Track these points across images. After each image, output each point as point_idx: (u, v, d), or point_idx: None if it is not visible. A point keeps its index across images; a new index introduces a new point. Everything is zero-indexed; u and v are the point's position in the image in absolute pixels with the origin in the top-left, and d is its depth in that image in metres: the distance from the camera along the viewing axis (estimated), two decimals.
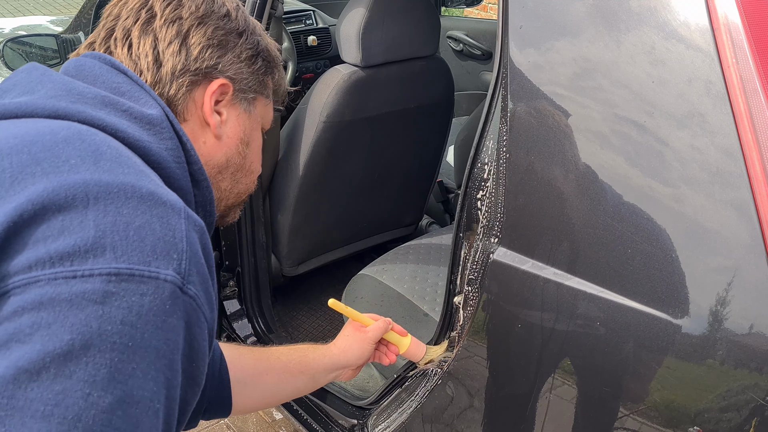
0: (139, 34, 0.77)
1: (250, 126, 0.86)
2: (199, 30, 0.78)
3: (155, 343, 0.52)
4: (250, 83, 0.84)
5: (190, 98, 0.77)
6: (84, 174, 0.54)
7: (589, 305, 0.87)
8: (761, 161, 0.73)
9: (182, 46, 0.77)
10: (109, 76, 0.71)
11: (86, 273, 0.50)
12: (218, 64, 0.79)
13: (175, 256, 0.55)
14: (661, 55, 0.81)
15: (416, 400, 1.21)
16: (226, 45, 0.80)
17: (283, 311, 2.07)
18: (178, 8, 0.78)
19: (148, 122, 0.67)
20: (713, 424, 0.78)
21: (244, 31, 0.83)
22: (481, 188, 1.01)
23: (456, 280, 1.08)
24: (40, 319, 0.48)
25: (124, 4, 0.79)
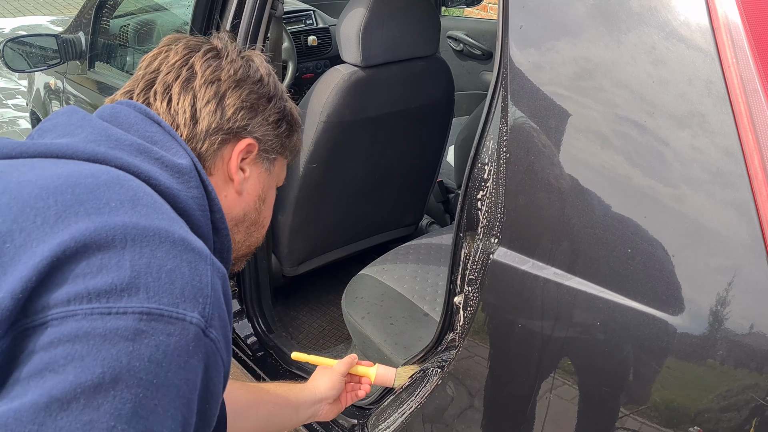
0: (179, 90, 0.82)
1: (269, 184, 0.92)
2: (235, 92, 0.84)
3: (177, 382, 0.55)
4: (274, 144, 0.89)
5: (219, 154, 0.82)
6: (123, 217, 0.58)
7: (589, 305, 0.87)
8: (761, 161, 0.73)
9: (218, 107, 0.82)
10: (143, 125, 0.75)
11: (120, 310, 0.53)
12: (248, 125, 0.84)
13: (201, 300, 0.58)
14: (661, 55, 0.81)
15: (416, 400, 1.21)
16: (257, 108, 0.86)
17: (283, 311, 2.07)
18: (218, 70, 0.83)
19: (177, 171, 0.71)
20: (713, 424, 0.78)
21: (274, 96, 0.89)
22: (481, 188, 1.01)
23: (456, 280, 1.08)
24: (74, 351, 0.50)
25: (165, 59, 0.84)
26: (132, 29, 2.45)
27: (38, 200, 0.57)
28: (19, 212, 0.56)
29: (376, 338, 1.54)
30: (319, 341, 1.97)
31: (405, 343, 1.49)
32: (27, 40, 2.43)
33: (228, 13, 1.57)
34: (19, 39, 2.41)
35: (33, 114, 3.30)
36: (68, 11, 7.59)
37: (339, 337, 1.97)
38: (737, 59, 0.75)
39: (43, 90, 3.01)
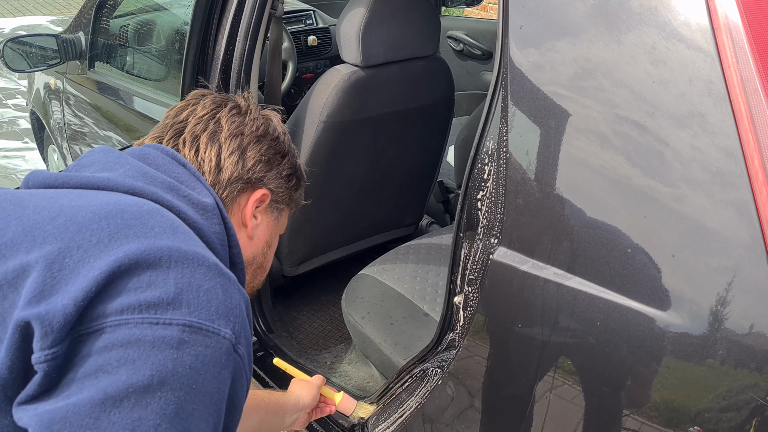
0: (207, 141, 0.91)
1: (275, 232, 1.01)
2: (255, 146, 0.93)
3: (211, 390, 0.62)
4: (284, 196, 0.99)
5: (237, 201, 0.91)
6: (167, 241, 0.65)
7: (589, 305, 0.87)
8: (761, 161, 0.73)
9: (240, 158, 0.91)
10: (170, 166, 0.83)
11: (167, 321, 0.60)
12: (264, 177, 0.94)
13: (232, 319, 0.65)
14: (661, 55, 0.81)
15: (416, 399, 1.21)
16: (273, 162, 0.95)
17: (283, 311, 2.07)
18: (241, 126, 0.93)
19: (202, 208, 0.79)
20: (713, 424, 0.78)
21: (288, 153, 0.99)
22: (482, 188, 1.01)
23: (456, 280, 1.08)
24: (126, 355, 0.57)
25: (193, 112, 0.94)
26: (132, 29, 2.45)
27: (92, 222, 0.65)
28: (76, 232, 0.63)
29: (376, 338, 1.54)
30: (319, 341, 1.97)
31: (405, 343, 1.49)
32: (27, 40, 2.43)
33: (228, 13, 1.57)
34: (19, 39, 2.41)
35: (33, 114, 3.29)
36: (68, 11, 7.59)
37: (339, 337, 1.97)
38: (737, 59, 0.75)
39: (43, 90, 3.01)
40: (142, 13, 2.55)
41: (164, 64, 2.26)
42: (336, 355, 1.81)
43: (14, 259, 0.62)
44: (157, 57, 2.32)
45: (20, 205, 0.68)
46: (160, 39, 2.35)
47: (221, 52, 1.59)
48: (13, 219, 0.66)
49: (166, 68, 2.23)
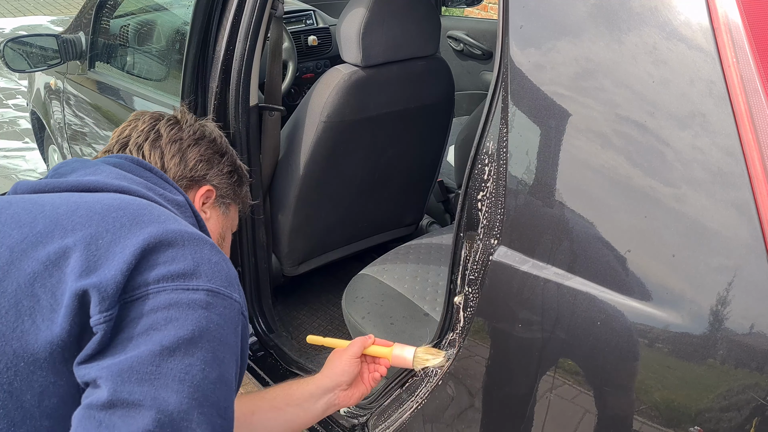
0: (149, 148, 1.04)
1: (226, 225, 1.13)
2: (194, 148, 1.06)
3: (232, 342, 0.75)
4: (228, 191, 1.11)
5: (187, 188, 1.05)
6: (175, 225, 0.77)
7: (589, 305, 0.87)
8: (762, 161, 0.73)
9: (182, 160, 1.04)
10: (139, 171, 0.94)
11: (194, 287, 0.72)
12: (207, 174, 1.07)
13: (236, 287, 0.78)
14: (662, 55, 0.81)
15: (417, 400, 1.21)
16: (213, 161, 1.08)
17: (283, 311, 2.07)
18: (179, 132, 1.07)
19: (177, 204, 0.91)
20: (714, 424, 0.78)
21: (226, 153, 1.12)
22: (482, 189, 1.01)
23: (456, 280, 1.08)
24: (170, 315, 0.69)
25: (134, 128, 1.07)
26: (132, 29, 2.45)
27: (110, 212, 0.76)
28: (100, 220, 0.74)
29: None
30: None
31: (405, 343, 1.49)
32: (27, 40, 2.43)
33: (228, 13, 1.57)
34: (19, 39, 2.41)
35: (33, 114, 3.29)
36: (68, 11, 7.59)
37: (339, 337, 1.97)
38: (737, 59, 0.75)
39: (43, 90, 3.01)
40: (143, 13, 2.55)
41: (164, 64, 2.26)
42: None
43: (52, 244, 0.72)
44: (158, 57, 2.32)
45: (37, 203, 0.79)
46: (160, 39, 2.35)
47: (221, 52, 1.59)
48: (38, 214, 0.76)
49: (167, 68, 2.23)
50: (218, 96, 1.61)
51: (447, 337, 1.14)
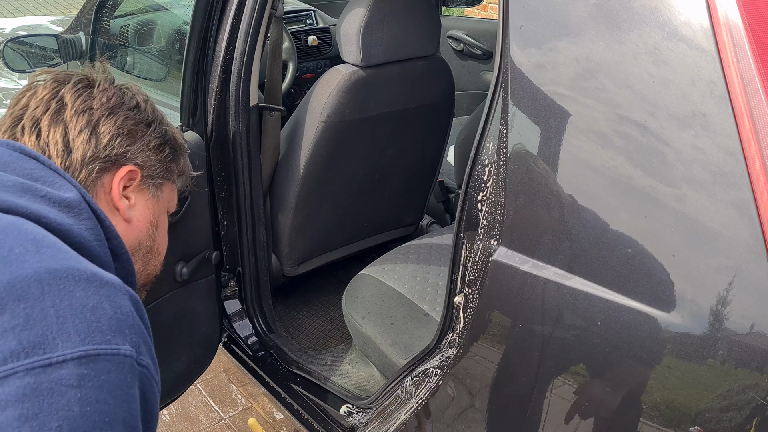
0: (48, 123, 0.80)
1: (158, 209, 0.92)
2: (109, 120, 0.83)
3: (123, 415, 0.56)
4: (158, 170, 0.89)
5: (99, 184, 0.82)
6: (32, 263, 0.57)
7: (589, 305, 0.87)
8: (762, 161, 0.73)
9: (92, 135, 0.81)
10: (20, 163, 0.71)
11: (59, 359, 0.52)
12: (127, 152, 0.84)
13: (127, 331, 0.59)
14: (663, 55, 0.81)
15: (417, 400, 1.21)
16: (135, 134, 0.86)
17: (283, 311, 2.07)
18: (89, 99, 0.83)
19: (66, 205, 0.69)
20: (714, 424, 0.78)
21: (153, 122, 0.89)
22: (482, 189, 1.01)
23: (457, 280, 1.08)
24: (26, 410, 0.50)
25: (33, 95, 0.83)
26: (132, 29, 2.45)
27: None
28: None
29: (377, 338, 1.54)
30: (319, 341, 1.97)
31: (405, 343, 1.49)
32: (27, 40, 2.43)
33: (228, 13, 1.57)
34: (19, 39, 2.41)
35: None
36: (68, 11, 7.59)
37: (339, 337, 1.97)
38: (737, 59, 0.75)
39: None
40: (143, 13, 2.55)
41: (164, 64, 2.26)
42: (336, 355, 1.81)
43: None
44: (158, 57, 2.32)
45: None
46: (160, 39, 2.35)
47: (221, 52, 1.59)
48: None
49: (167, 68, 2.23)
50: (218, 96, 1.61)
51: (447, 337, 1.14)
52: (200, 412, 2.22)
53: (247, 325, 1.87)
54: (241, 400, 2.28)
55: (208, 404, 2.25)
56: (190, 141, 1.56)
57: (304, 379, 1.70)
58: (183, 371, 1.71)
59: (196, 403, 2.26)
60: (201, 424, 2.17)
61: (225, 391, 2.32)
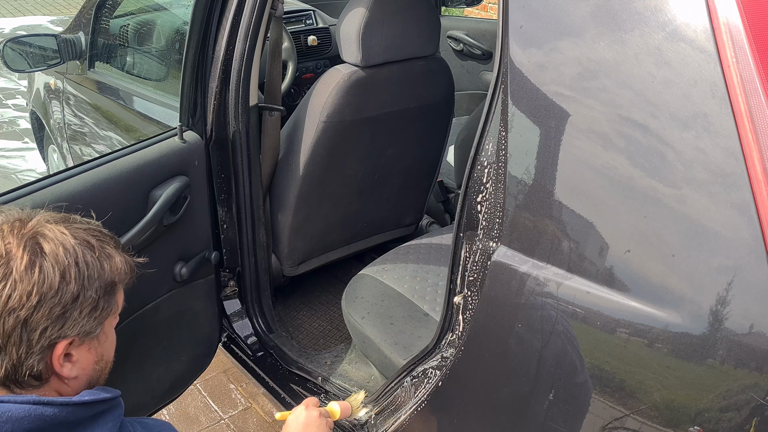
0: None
1: (104, 345, 0.90)
2: (36, 313, 0.78)
3: None
4: (95, 324, 0.85)
5: (45, 366, 0.81)
6: None
7: (589, 305, 0.87)
8: (762, 161, 0.73)
9: (22, 335, 0.78)
10: None
11: None
12: (60, 334, 0.81)
13: None
14: (663, 55, 0.81)
15: (416, 400, 1.21)
16: (65, 314, 0.81)
17: (283, 311, 2.07)
18: (11, 294, 0.77)
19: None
20: (713, 424, 0.78)
21: (81, 290, 0.82)
22: (481, 191, 1.01)
23: (456, 280, 1.08)
24: None
25: None
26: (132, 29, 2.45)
27: None
28: None
29: (376, 338, 1.54)
30: (319, 341, 1.97)
31: (405, 343, 1.49)
32: (27, 40, 2.43)
33: (228, 13, 1.57)
34: (19, 39, 2.41)
35: (33, 114, 3.29)
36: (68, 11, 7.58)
37: (339, 337, 1.97)
38: (737, 59, 0.75)
39: (43, 90, 3.01)
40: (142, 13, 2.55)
41: (164, 64, 2.26)
42: (336, 355, 1.81)
43: None
44: (157, 57, 2.32)
45: None
46: (160, 39, 2.35)
47: (221, 52, 1.59)
48: None
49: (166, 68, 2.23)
50: (218, 96, 1.61)
51: (446, 337, 1.14)
52: (200, 412, 2.22)
53: (247, 325, 1.87)
54: (241, 400, 2.28)
55: (207, 404, 2.25)
56: (190, 141, 1.56)
57: (304, 379, 1.70)
58: (182, 371, 1.71)
59: (196, 403, 2.26)
60: (201, 424, 2.17)
61: (225, 391, 2.32)
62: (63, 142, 2.82)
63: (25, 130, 4.39)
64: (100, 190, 1.33)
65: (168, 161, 1.49)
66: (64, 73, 2.66)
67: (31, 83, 3.30)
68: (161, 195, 1.44)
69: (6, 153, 4.12)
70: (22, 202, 1.21)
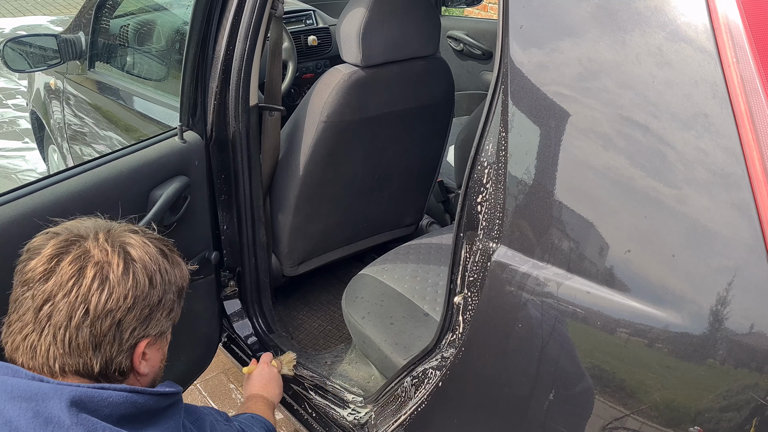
0: (76, 332, 0.85)
1: (167, 343, 1.00)
2: (129, 314, 0.87)
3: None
4: (168, 325, 0.96)
5: (128, 363, 0.90)
6: None
7: (589, 305, 0.87)
8: (762, 161, 0.73)
9: (116, 335, 0.87)
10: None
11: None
12: (144, 333, 0.90)
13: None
14: (664, 56, 0.81)
15: (416, 400, 1.21)
16: (150, 315, 0.90)
17: (283, 311, 2.07)
18: (108, 298, 0.86)
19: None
20: (713, 424, 0.78)
21: (163, 295, 0.92)
22: (481, 192, 1.01)
23: (456, 280, 1.08)
24: None
25: (53, 298, 0.84)
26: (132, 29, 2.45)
27: None
28: None
29: (376, 338, 1.54)
30: (319, 341, 1.97)
31: (405, 343, 1.49)
32: (27, 40, 2.43)
33: (228, 13, 1.57)
34: (19, 39, 2.41)
35: (33, 114, 3.29)
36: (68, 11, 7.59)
37: (339, 337, 1.97)
38: (737, 59, 0.75)
39: (43, 90, 3.01)
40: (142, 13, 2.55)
41: (164, 64, 2.26)
42: (336, 355, 1.81)
43: None
44: (157, 57, 2.32)
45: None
46: (160, 39, 2.35)
47: (221, 52, 1.59)
48: None
49: (166, 68, 2.23)
50: (218, 96, 1.61)
51: (447, 337, 1.14)
52: None
53: (247, 325, 1.87)
54: (241, 400, 2.28)
55: (207, 404, 2.25)
56: (190, 141, 1.56)
57: (303, 378, 1.71)
58: (182, 371, 1.71)
59: (196, 403, 2.26)
60: None
61: (225, 391, 2.32)
62: (63, 142, 2.82)
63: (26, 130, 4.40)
64: (100, 190, 1.33)
65: (168, 161, 1.49)
66: (64, 73, 2.66)
67: (31, 83, 3.30)
68: (161, 195, 1.44)
69: (6, 153, 4.12)
70: (23, 202, 1.21)
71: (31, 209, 1.22)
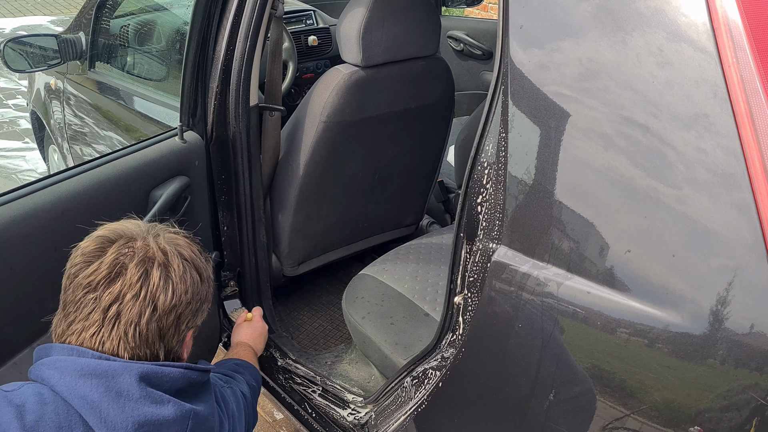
0: (147, 326, 0.95)
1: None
2: (186, 308, 0.99)
3: None
4: (204, 316, 1.06)
5: (179, 349, 1.02)
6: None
7: (589, 305, 0.87)
8: (762, 161, 0.73)
9: (176, 329, 0.98)
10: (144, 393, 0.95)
11: None
12: (193, 324, 1.02)
13: None
14: (665, 56, 0.81)
15: (416, 400, 1.21)
16: (200, 308, 1.03)
17: (283, 311, 2.07)
18: (174, 296, 0.96)
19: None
20: (714, 424, 0.78)
21: (209, 290, 1.05)
22: (481, 191, 1.01)
23: (456, 280, 1.08)
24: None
25: (122, 295, 0.93)
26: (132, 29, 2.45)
27: None
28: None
29: (376, 338, 1.54)
30: (319, 341, 1.97)
31: (405, 343, 1.49)
32: (27, 40, 2.43)
33: (228, 13, 1.57)
34: (19, 39, 2.41)
35: (33, 114, 3.29)
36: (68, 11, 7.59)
37: (339, 337, 1.97)
38: (737, 59, 0.75)
39: (43, 90, 3.01)
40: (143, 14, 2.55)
41: (164, 65, 2.26)
42: (336, 355, 1.81)
43: None
44: (158, 57, 2.32)
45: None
46: (160, 39, 2.35)
47: (221, 52, 1.59)
48: None
49: (167, 68, 2.23)
50: (218, 96, 1.61)
51: (447, 337, 1.14)
52: None
53: None
54: None
55: None
56: (191, 141, 1.56)
57: (304, 378, 1.70)
58: None
59: None
60: None
61: None
62: (63, 142, 2.82)
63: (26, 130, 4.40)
64: (100, 190, 1.33)
65: (168, 161, 1.49)
66: (65, 73, 2.66)
67: (31, 83, 3.30)
68: (161, 195, 1.44)
69: (6, 153, 4.12)
70: (23, 202, 1.21)
71: (31, 209, 1.22)
